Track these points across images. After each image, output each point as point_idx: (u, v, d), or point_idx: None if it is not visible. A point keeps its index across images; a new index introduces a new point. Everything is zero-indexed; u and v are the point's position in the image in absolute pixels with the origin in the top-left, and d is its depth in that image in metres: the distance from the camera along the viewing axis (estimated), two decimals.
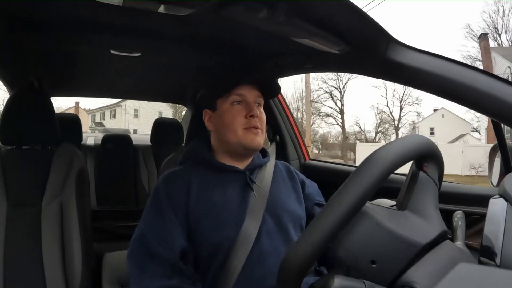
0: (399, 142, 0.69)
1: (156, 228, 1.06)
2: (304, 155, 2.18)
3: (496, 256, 0.60)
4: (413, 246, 0.65)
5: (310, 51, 1.25)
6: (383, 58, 1.05)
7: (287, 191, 1.22)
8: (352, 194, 0.61)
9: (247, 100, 1.15)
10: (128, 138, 3.11)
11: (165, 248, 1.02)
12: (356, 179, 0.63)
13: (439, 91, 1.00)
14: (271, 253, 1.07)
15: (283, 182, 1.24)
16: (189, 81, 2.47)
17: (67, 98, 19.62)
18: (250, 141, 1.13)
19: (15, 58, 1.78)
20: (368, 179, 0.62)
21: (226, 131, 1.15)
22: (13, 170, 1.45)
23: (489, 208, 0.66)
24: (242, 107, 1.15)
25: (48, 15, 1.31)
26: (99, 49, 1.68)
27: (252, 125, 1.13)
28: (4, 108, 1.49)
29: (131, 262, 1.05)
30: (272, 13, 1.01)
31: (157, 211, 1.08)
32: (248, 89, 1.16)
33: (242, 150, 1.15)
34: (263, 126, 1.17)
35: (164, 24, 1.32)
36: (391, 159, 0.64)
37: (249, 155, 1.20)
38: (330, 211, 0.61)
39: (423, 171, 0.73)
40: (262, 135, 1.16)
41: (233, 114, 1.14)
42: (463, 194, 1.24)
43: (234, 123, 1.13)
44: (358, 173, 0.64)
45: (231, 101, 1.15)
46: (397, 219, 0.69)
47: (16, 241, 1.37)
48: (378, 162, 0.64)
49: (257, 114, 1.14)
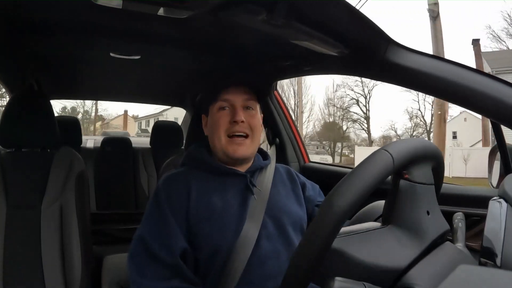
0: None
1: (156, 231, 1.05)
2: (304, 157, 2.18)
3: (496, 257, 0.60)
4: (391, 272, 0.63)
5: (309, 53, 1.25)
6: (382, 60, 1.05)
7: (287, 193, 1.22)
8: (348, 196, 0.61)
9: (234, 104, 1.13)
10: (127, 141, 3.10)
11: (166, 251, 1.02)
12: (350, 181, 0.63)
13: (438, 92, 1.00)
14: (271, 256, 1.06)
15: (283, 185, 1.23)
16: (189, 84, 2.48)
17: (117, 106, 19.68)
18: (232, 152, 1.11)
19: (14, 61, 1.78)
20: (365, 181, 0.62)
21: (213, 137, 1.14)
22: (13, 173, 1.45)
23: (489, 209, 0.66)
24: (228, 112, 1.13)
25: (48, 18, 1.31)
26: (99, 52, 1.68)
27: (236, 131, 1.11)
28: (3, 110, 1.49)
29: (131, 264, 1.05)
30: (271, 16, 1.02)
31: (157, 214, 1.08)
32: (234, 93, 1.14)
33: (227, 158, 1.14)
34: (253, 131, 1.14)
35: (163, 27, 1.32)
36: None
37: (239, 163, 1.17)
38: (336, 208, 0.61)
39: (404, 179, 0.69)
40: (252, 143, 1.14)
41: (217, 120, 1.13)
42: (463, 195, 1.24)
43: (218, 129, 1.12)
44: (354, 174, 0.63)
45: (218, 106, 1.14)
46: (373, 242, 0.66)
47: (15, 244, 1.37)
48: (378, 163, 0.63)
49: (240, 119, 1.10)
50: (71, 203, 1.45)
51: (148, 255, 1.02)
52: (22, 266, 1.36)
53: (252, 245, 1.04)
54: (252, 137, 1.14)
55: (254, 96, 1.17)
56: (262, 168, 1.21)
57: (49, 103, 1.56)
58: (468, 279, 0.52)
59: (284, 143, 2.13)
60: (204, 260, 1.06)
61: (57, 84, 2.35)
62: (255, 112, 1.17)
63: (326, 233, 0.58)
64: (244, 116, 1.12)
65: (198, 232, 1.06)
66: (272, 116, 2.10)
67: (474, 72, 0.90)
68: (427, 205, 0.71)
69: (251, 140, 1.14)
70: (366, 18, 0.98)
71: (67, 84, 2.44)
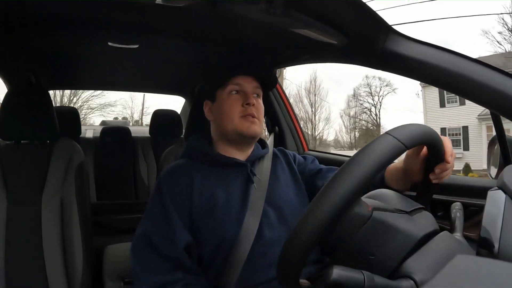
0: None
1: (159, 226, 1.06)
2: (303, 146, 2.18)
3: (494, 248, 0.60)
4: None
5: (308, 42, 1.24)
6: (382, 49, 1.04)
7: (286, 180, 1.23)
8: (345, 184, 0.62)
9: (245, 89, 1.16)
10: (127, 130, 3.09)
11: (169, 246, 1.03)
12: (349, 169, 0.64)
13: (438, 82, 1.00)
14: (273, 244, 1.07)
15: (282, 171, 1.25)
16: (188, 73, 2.46)
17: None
18: (246, 129, 1.14)
19: (12, 53, 1.77)
20: (362, 169, 0.63)
21: (223, 119, 1.16)
22: (12, 166, 1.45)
23: (487, 200, 0.66)
24: (240, 96, 1.16)
25: (45, 9, 1.30)
26: (97, 41, 1.67)
27: (248, 113, 1.14)
28: (2, 102, 1.48)
29: (134, 257, 1.05)
30: (269, 5, 1.01)
31: (160, 209, 1.08)
32: (245, 79, 1.17)
33: (239, 138, 1.16)
34: (260, 116, 1.17)
35: (161, 16, 1.31)
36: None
37: (248, 144, 1.20)
38: (324, 199, 0.62)
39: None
40: (260, 124, 1.17)
41: (230, 103, 1.15)
42: (461, 185, 1.24)
43: (231, 111, 1.14)
44: (352, 162, 0.64)
45: (228, 90, 1.17)
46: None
47: (16, 237, 1.37)
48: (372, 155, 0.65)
49: (253, 102, 1.14)
50: (72, 195, 1.45)
51: (152, 250, 1.03)
52: (23, 259, 1.36)
53: (253, 235, 1.06)
54: (260, 120, 1.17)
55: (260, 86, 1.20)
56: (261, 157, 1.22)
57: (47, 94, 1.55)
58: (466, 269, 0.52)
59: (284, 132, 2.14)
60: (207, 252, 1.07)
61: (55, 75, 2.34)
62: (261, 100, 1.21)
63: (320, 219, 0.60)
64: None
65: (200, 226, 1.07)
66: (272, 104, 2.10)
67: (474, 63, 0.89)
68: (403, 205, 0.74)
69: (260, 122, 1.17)
70: (366, 6, 0.96)
71: (66, 74, 2.42)
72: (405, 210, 0.72)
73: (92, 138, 3.17)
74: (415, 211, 0.73)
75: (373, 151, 0.66)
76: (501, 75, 0.85)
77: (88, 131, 3.50)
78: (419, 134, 0.73)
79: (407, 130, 0.71)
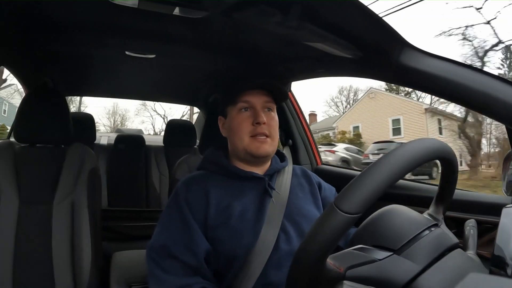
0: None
1: (178, 235, 1.05)
2: (316, 159, 2.16)
3: (507, 266, 0.59)
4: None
5: (323, 55, 1.24)
6: (397, 63, 1.04)
7: (305, 196, 1.21)
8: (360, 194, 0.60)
9: (255, 106, 1.14)
10: (141, 138, 3.12)
11: (190, 254, 1.02)
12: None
13: (453, 97, 0.99)
14: (290, 257, 1.06)
15: (301, 187, 1.23)
16: (203, 84, 2.48)
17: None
18: (255, 149, 1.12)
19: (31, 58, 1.81)
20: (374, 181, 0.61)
21: (234, 138, 1.15)
22: (26, 168, 1.47)
23: (501, 217, 0.65)
24: (250, 114, 1.14)
25: (64, 16, 1.33)
26: (114, 50, 1.70)
27: (258, 132, 1.12)
28: (19, 106, 1.52)
29: (151, 264, 1.04)
30: (285, 18, 1.02)
31: (178, 217, 1.08)
32: (255, 94, 1.15)
33: (250, 157, 1.14)
34: (273, 132, 1.15)
35: (178, 26, 1.33)
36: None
37: (262, 162, 1.18)
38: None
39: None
40: (273, 142, 1.15)
41: (239, 122, 1.14)
42: (475, 202, 1.21)
43: (241, 130, 1.13)
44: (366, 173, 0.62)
45: (238, 108, 1.15)
46: None
47: (26, 238, 1.39)
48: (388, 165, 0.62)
49: (263, 120, 1.12)
50: (83, 199, 1.46)
51: (172, 260, 1.02)
52: (31, 260, 1.38)
53: (270, 249, 1.04)
54: (272, 138, 1.15)
55: (272, 98, 1.18)
56: (279, 170, 1.21)
57: (64, 99, 1.58)
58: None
59: (297, 145, 2.12)
60: (221, 264, 1.06)
61: (72, 81, 2.39)
62: (274, 114, 1.18)
63: (328, 235, 0.59)
64: (264, 117, 1.13)
65: (216, 237, 1.06)
66: (286, 117, 2.09)
67: (490, 77, 0.88)
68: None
69: (272, 140, 1.15)
70: (381, 20, 0.96)
71: (83, 81, 2.47)
72: (393, 249, 0.67)
73: (106, 145, 3.21)
74: (417, 238, 0.69)
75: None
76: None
77: (103, 138, 3.54)
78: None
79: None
